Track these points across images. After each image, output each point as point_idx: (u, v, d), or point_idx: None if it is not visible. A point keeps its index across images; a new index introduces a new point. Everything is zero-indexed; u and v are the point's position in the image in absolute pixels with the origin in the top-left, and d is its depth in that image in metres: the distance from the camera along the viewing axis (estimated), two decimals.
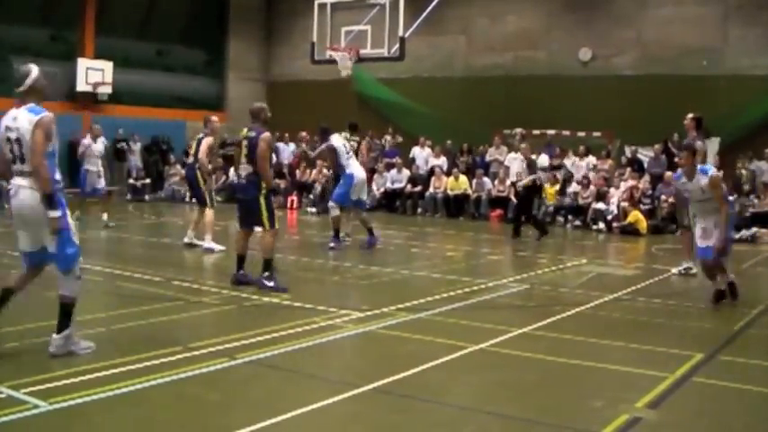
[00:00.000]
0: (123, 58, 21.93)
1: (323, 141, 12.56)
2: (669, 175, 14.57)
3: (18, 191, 5.43)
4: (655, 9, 19.63)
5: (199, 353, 5.75)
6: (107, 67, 21.03)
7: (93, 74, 20.79)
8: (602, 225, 16.47)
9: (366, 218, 12.64)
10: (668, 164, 16.93)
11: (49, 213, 5.29)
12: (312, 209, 19.23)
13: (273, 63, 25.73)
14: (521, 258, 12.45)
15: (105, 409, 4.57)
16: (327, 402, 4.77)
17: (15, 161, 5.43)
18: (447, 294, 8.48)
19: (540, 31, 20.99)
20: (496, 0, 21.77)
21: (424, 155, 20.39)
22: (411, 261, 11.73)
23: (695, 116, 10.88)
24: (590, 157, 18.60)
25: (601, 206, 16.80)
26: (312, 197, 19.94)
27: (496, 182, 18.42)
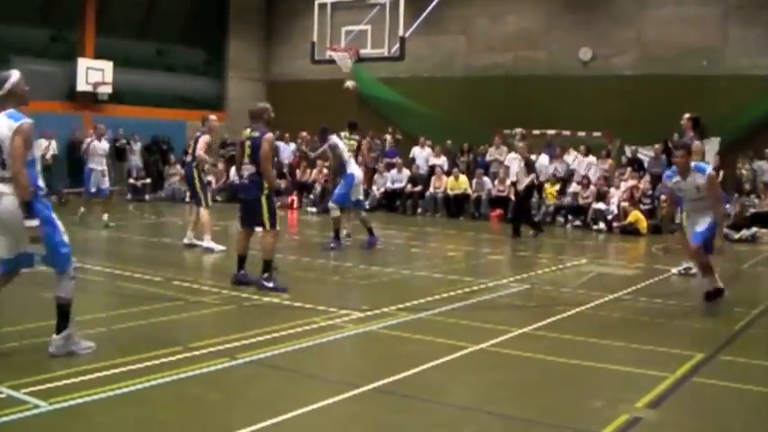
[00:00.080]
0: (123, 58, 21.92)
1: (322, 141, 12.56)
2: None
3: None
4: (655, 9, 19.63)
5: (199, 353, 5.75)
6: (107, 66, 21.03)
7: (94, 74, 20.77)
8: (602, 225, 16.47)
9: (366, 218, 12.64)
10: (668, 164, 16.89)
11: (25, 222, 5.18)
12: (312, 209, 19.23)
13: (273, 63, 25.72)
14: (521, 258, 12.45)
15: (105, 409, 4.57)
16: (328, 402, 4.77)
17: None
18: (447, 294, 8.48)
19: (540, 31, 20.99)
20: (496, 0, 21.77)
21: (424, 155, 20.38)
22: (411, 261, 11.73)
23: (692, 116, 10.89)
24: (590, 157, 18.60)
25: (601, 206, 16.81)
26: (312, 197, 19.96)
27: (496, 182, 18.42)
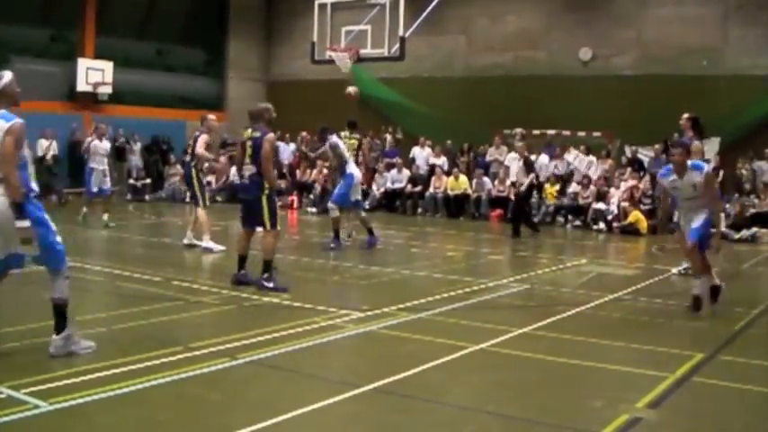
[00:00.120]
0: (123, 58, 21.92)
1: (322, 141, 12.55)
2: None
3: None
4: (655, 9, 19.63)
5: (199, 353, 5.75)
6: (107, 67, 21.03)
7: (94, 74, 20.77)
8: (602, 225, 16.46)
9: (366, 218, 12.64)
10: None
11: (17, 223, 5.18)
12: (312, 209, 19.24)
13: (273, 63, 25.73)
14: (521, 258, 12.45)
15: (106, 409, 4.57)
16: (328, 402, 4.77)
17: None
18: (447, 294, 8.47)
19: (540, 30, 20.99)
20: (496, 0, 21.78)
21: (424, 155, 20.38)
22: (411, 261, 11.73)
23: (690, 116, 10.89)
24: (590, 157, 18.59)
25: (601, 206, 16.80)
26: (312, 197, 19.96)
27: (496, 182, 18.42)
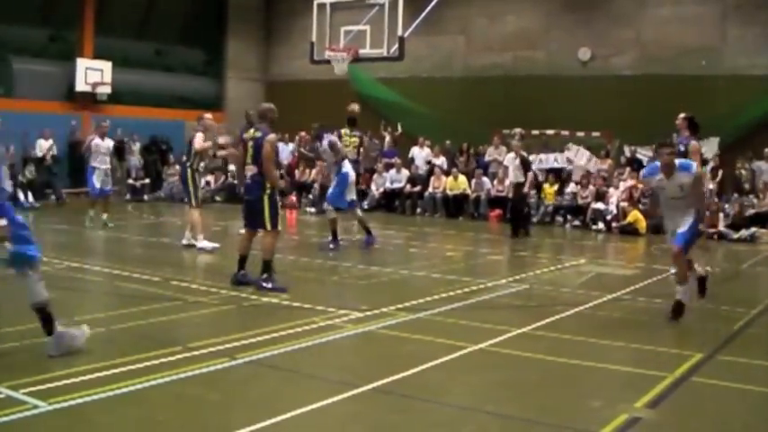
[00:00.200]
0: (122, 58, 21.90)
1: (320, 141, 12.53)
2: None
3: None
4: (653, 9, 19.64)
5: (198, 353, 5.75)
6: (106, 67, 21.00)
7: (93, 74, 20.74)
8: (601, 225, 16.47)
9: (363, 217, 12.63)
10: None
11: None
12: (311, 209, 19.24)
13: (272, 63, 25.71)
14: (520, 258, 12.45)
15: (105, 409, 4.57)
16: (327, 402, 4.77)
17: None
18: (446, 294, 8.47)
19: (540, 31, 20.98)
20: (495, 0, 21.78)
21: (423, 155, 20.38)
22: (410, 261, 11.73)
23: (687, 116, 10.86)
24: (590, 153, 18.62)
25: (600, 206, 16.81)
26: (311, 197, 19.96)
27: (495, 182, 18.42)
